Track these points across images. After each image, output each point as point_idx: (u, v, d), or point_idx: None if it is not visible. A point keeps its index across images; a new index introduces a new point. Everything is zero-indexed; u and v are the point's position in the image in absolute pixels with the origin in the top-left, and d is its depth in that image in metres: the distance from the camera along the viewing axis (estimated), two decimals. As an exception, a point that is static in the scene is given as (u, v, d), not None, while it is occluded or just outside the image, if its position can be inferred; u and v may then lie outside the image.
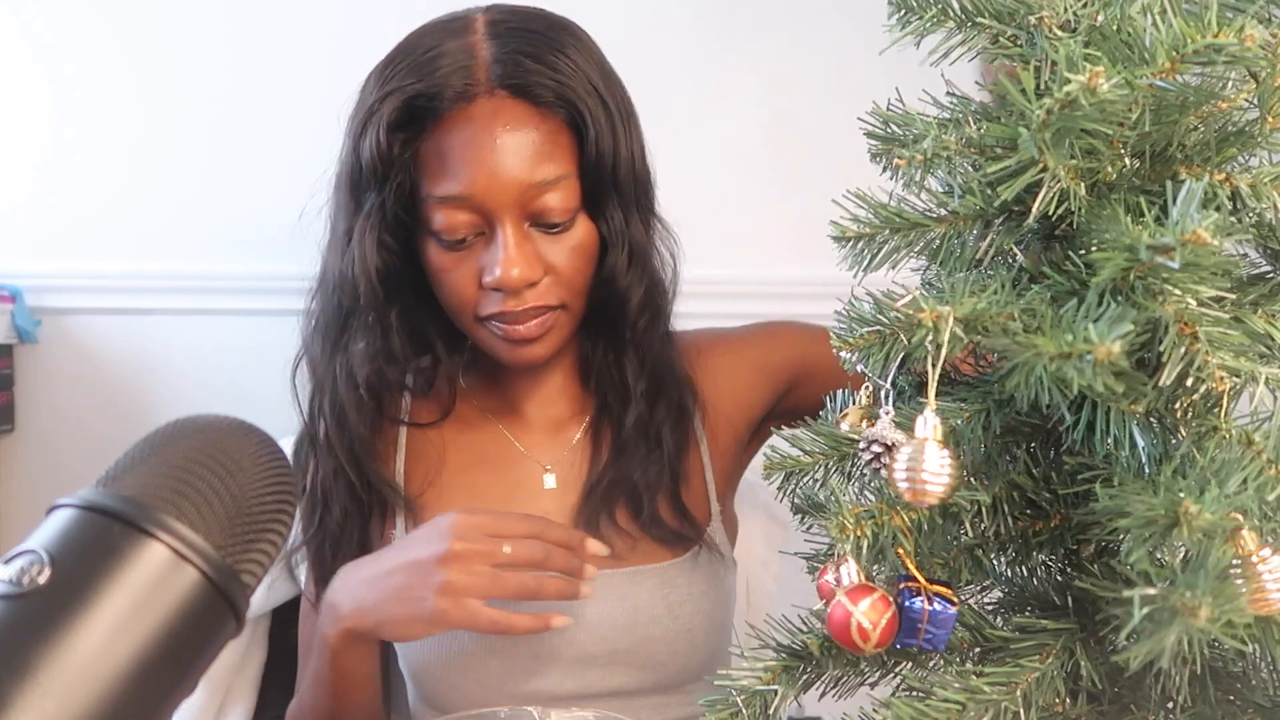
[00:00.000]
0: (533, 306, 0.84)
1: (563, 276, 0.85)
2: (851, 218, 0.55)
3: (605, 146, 0.84)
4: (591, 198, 0.86)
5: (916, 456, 0.48)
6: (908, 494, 0.48)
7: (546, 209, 0.83)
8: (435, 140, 0.82)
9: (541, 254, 0.84)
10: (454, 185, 0.81)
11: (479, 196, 0.81)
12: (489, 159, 0.81)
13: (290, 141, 1.61)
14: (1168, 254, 0.43)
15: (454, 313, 0.88)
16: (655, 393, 0.94)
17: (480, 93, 0.82)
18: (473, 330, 0.88)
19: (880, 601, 0.52)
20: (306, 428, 0.94)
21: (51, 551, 0.35)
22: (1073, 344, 0.43)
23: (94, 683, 0.33)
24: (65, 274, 1.65)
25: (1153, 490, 0.44)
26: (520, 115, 0.82)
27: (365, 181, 0.84)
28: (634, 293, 0.90)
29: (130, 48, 1.64)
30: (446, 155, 0.82)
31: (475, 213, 0.82)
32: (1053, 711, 0.53)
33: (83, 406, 1.67)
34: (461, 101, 0.82)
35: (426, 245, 0.86)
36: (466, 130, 0.81)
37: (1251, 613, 0.43)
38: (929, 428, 0.49)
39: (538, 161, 0.82)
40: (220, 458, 0.40)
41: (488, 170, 0.81)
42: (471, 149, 0.81)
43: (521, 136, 0.81)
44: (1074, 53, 0.46)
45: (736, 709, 0.56)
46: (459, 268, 0.85)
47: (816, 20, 1.68)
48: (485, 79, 0.82)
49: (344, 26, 1.63)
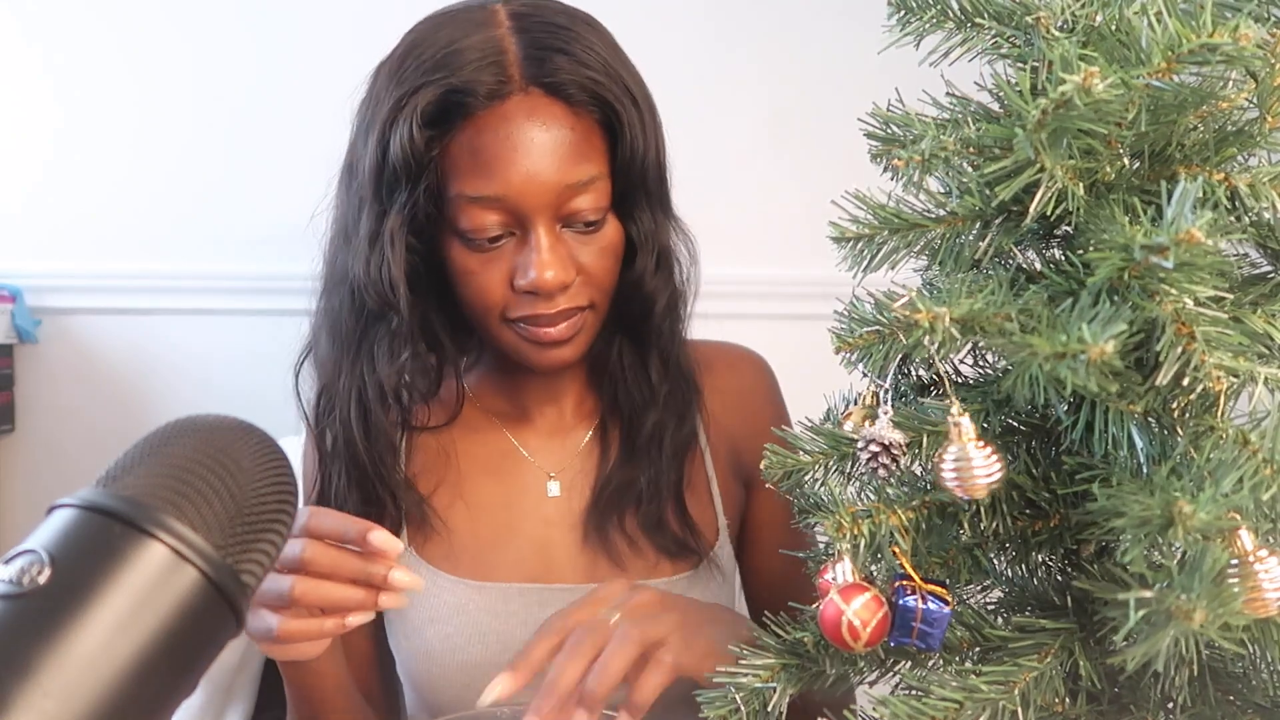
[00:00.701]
0: (564, 309, 0.82)
1: (593, 277, 0.84)
2: (850, 218, 0.55)
3: (637, 146, 0.83)
4: (621, 198, 0.85)
5: (963, 457, 0.49)
6: (961, 490, 0.49)
7: (580, 210, 0.81)
8: (467, 138, 0.80)
9: (573, 255, 0.82)
10: (489, 186, 0.79)
11: (514, 198, 0.79)
12: (525, 160, 0.79)
13: (291, 142, 1.61)
14: (1162, 254, 0.43)
15: (479, 315, 0.85)
16: (673, 396, 0.93)
17: (514, 90, 0.79)
18: (498, 333, 0.86)
19: (873, 601, 0.52)
20: (315, 434, 0.91)
21: (51, 551, 0.35)
22: (1067, 344, 0.43)
23: (94, 683, 0.33)
24: (65, 274, 1.65)
25: (1149, 490, 0.44)
26: (556, 114, 0.80)
27: (394, 180, 0.81)
28: (660, 295, 0.89)
29: (131, 48, 1.64)
30: (480, 154, 0.79)
31: (508, 213, 0.80)
32: (1052, 711, 0.53)
33: (83, 406, 1.67)
34: (495, 99, 0.79)
35: (451, 246, 0.83)
36: (501, 129, 0.79)
37: (1247, 615, 0.43)
38: (964, 429, 0.50)
39: (574, 162, 0.80)
40: (220, 458, 0.40)
41: (524, 171, 0.79)
42: (507, 149, 0.79)
43: (557, 136, 0.80)
44: (1069, 53, 0.46)
45: (735, 706, 0.56)
46: (487, 269, 0.82)
47: (817, 20, 1.68)
48: (519, 76, 0.80)
49: (346, 26, 1.63)
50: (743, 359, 1.04)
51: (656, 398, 0.92)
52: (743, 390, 1.01)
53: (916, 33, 0.55)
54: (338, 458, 0.89)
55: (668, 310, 0.90)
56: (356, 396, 0.88)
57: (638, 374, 0.92)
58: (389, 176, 0.81)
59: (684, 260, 0.93)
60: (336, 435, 0.89)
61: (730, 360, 1.02)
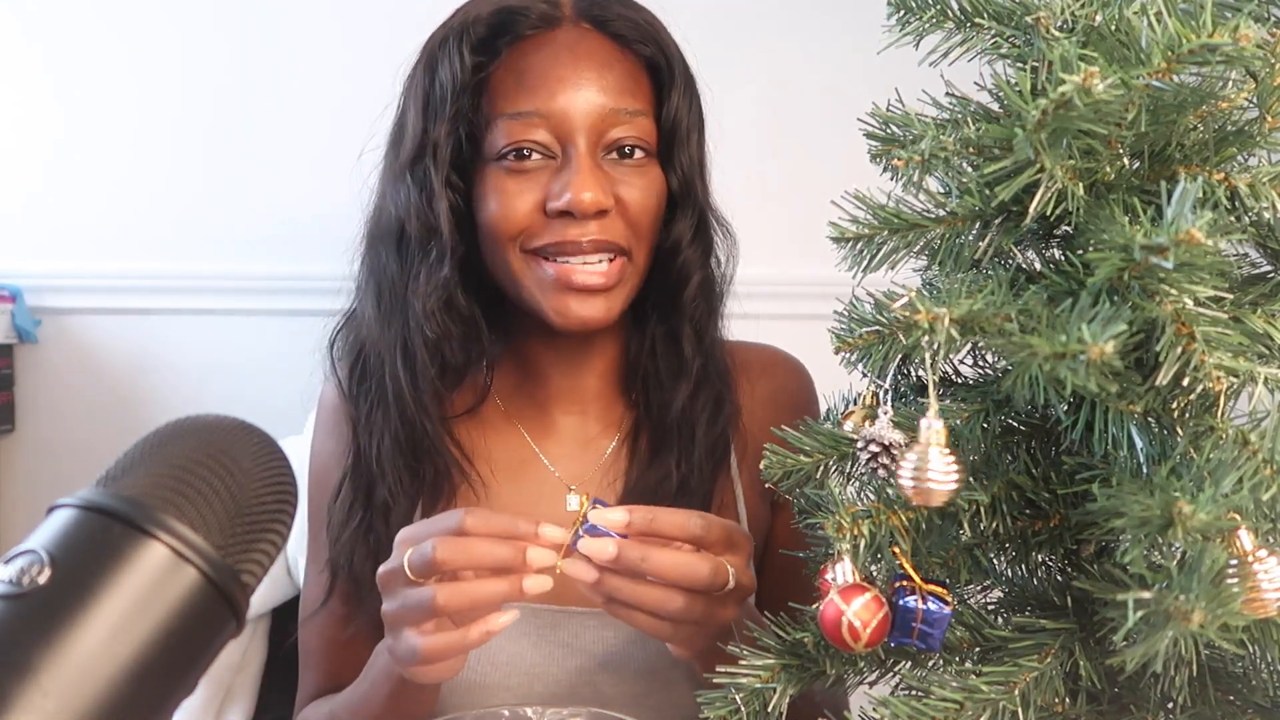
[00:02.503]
0: (595, 239, 0.79)
1: (630, 213, 0.81)
2: (850, 218, 0.55)
3: (681, 96, 0.84)
4: (664, 148, 0.84)
5: (922, 461, 0.48)
6: (914, 496, 0.49)
7: (623, 137, 0.81)
8: (512, 61, 0.80)
9: (612, 184, 0.81)
10: (531, 101, 0.79)
11: (557, 114, 0.78)
12: (571, 76, 0.79)
13: (290, 142, 1.61)
14: (1162, 254, 0.43)
15: (502, 243, 0.81)
16: (704, 379, 0.89)
17: (565, 20, 0.82)
18: (521, 270, 0.81)
19: (873, 601, 0.52)
20: (350, 401, 0.88)
21: (51, 551, 0.35)
22: (1066, 344, 0.43)
23: (94, 683, 0.33)
24: (65, 274, 1.65)
25: (1149, 490, 0.44)
26: (604, 47, 0.82)
27: (439, 104, 0.80)
28: (695, 266, 0.87)
29: (131, 48, 1.64)
30: (525, 74, 0.80)
31: (549, 132, 0.79)
32: (1052, 711, 0.53)
33: (83, 406, 1.67)
34: (545, 26, 0.81)
35: (487, 176, 0.81)
36: (548, 50, 0.80)
37: (1246, 615, 0.43)
38: (932, 432, 0.49)
39: (618, 91, 0.80)
40: (220, 458, 0.40)
41: (570, 87, 0.79)
42: (553, 66, 0.79)
43: (604, 64, 0.81)
44: (1069, 53, 0.46)
45: (735, 706, 0.56)
46: (520, 192, 0.80)
47: (817, 20, 1.68)
48: (570, 7, 0.82)
49: (343, 28, 1.63)
50: (778, 362, 0.99)
51: (688, 371, 0.88)
52: (777, 396, 0.96)
53: (916, 32, 0.55)
54: (381, 419, 0.86)
55: (703, 287, 0.88)
56: (402, 345, 0.84)
57: (669, 357, 0.89)
58: (435, 102, 0.81)
59: (721, 249, 0.91)
60: (384, 393, 0.86)
61: (765, 363, 0.98)
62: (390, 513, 0.85)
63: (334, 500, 0.88)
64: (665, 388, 0.89)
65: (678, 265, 0.86)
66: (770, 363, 0.98)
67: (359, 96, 1.61)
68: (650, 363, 0.89)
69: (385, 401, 0.86)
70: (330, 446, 0.93)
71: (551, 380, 0.91)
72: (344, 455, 0.90)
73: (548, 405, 0.92)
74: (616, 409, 0.93)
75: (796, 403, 0.97)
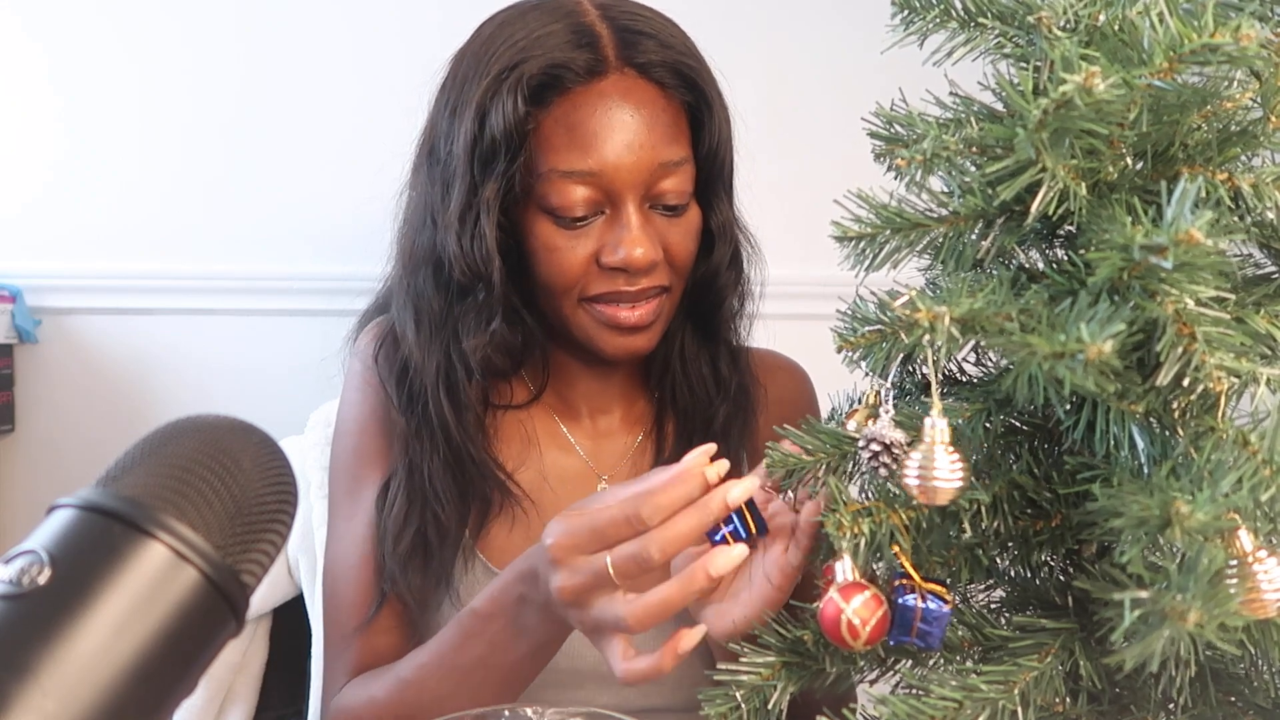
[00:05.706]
0: (644, 288, 0.83)
1: (675, 260, 0.85)
2: (853, 218, 0.55)
3: (718, 134, 0.85)
4: (703, 186, 0.87)
5: (928, 459, 0.49)
6: (920, 494, 0.49)
7: (667, 191, 0.83)
8: (562, 113, 0.81)
9: (660, 235, 0.83)
10: (583, 161, 0.80)
11: (609, 174, 0.80)
12: (621, 136, 0.80)
13: (292, 143, 1.61)
14: (1161, 254, 0.43)
15: (558, 293, 0.85)
16: (742, 392, 0.93)
17: (610, 70, 0.81)
18: (572, 314, 0.85)
19: (872, 599, 0.52)
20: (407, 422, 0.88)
21: (51, 551, 0.35)
22: (1065, 344, 0.43)
23: (94, 683, 0.33)
24: (65, 274, 1.65)
25: (1148, 490, 0.44)
26: (650, 95, 0.82)
27: (491, 152, 0.81)
28: (730, 291, 0.90)
29: (134, 49, 1.64)
30: (576, 130, 0.80)
31: (599, 190, 0.81)
32: (1052, 711, 0.53)
33: (83, 406, 1.67)
34: (592, 76, 0.81)
35: (536, 223, 0.83)
36: (599, 105, 0.81)
37: (1244, 616, 0.43)
38: (937, 431, 0.49)
39: (666, 142, 0.82)
40: (220, 458, 0.40)
41: (620, 147, 0.80)
42: (604, 124, 0.80)
43: (651, 116, 0.81)
44: (1071, 53, 0.46)
45: (736, 704, 0.56)
46: (573, 246, 0.82)
47: (818, 20, 1.68)
48: (614, 57, 0.82)
49: (349, 30, 1.63)
50: (780, 367, 1.02)
51: (727, 389, 0.92)
52: (780, 400, 0.98)
53: (920, 32, 0.55)
54: (429, 442, 0.87)
55: (740, 304, 0.92)
56: (444, 375, 0.87)
57: (703, 368, 0.92)
58: (485, 150, 0.82)
59: (749, 263, 0.94)
60: (429, 419, 0.87)
61: (768, 367, 1.00)
62: (440, 525, 0.87)
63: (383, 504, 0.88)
64: (698, 398, 0.92)
65: (716, 289, 0.90)
66: (772, 367, 1.00)
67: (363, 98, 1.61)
68: (678, 361, 0.93)
69: (431, 427, 0.88)
70: (357, 400, 0.94)
71: (583, 379, 0.95)
72: (370, 413, 0.92)
73: (574, 401, 0.95)
74: (639, 404, 0.96)
75: (799, 406, 0.99)
